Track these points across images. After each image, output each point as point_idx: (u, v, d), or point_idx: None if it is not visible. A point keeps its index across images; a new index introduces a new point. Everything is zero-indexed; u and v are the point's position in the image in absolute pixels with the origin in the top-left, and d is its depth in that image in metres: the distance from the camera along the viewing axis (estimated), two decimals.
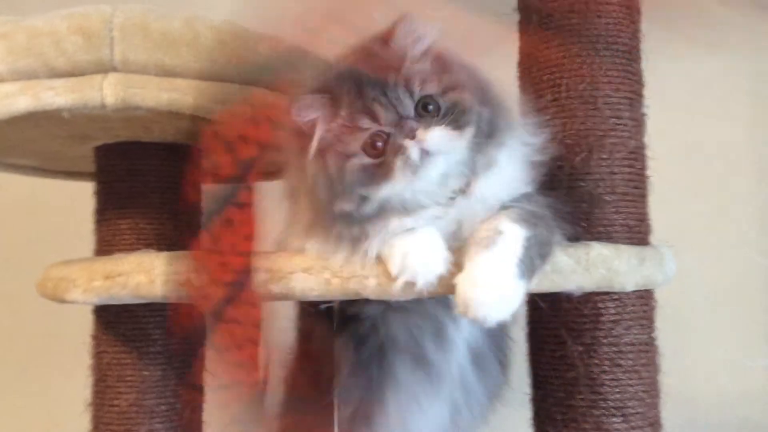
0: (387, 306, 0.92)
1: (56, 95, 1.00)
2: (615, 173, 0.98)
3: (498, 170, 0.84)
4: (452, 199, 0.82)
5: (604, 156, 0.98)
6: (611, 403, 0.95)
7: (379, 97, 0.80)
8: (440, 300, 0.92)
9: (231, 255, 0.87)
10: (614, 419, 0.94)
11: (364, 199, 0.81)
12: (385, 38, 0.84)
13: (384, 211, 0.81)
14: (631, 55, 1.01)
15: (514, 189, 0.85)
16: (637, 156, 1.00)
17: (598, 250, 0.87)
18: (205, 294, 0.86)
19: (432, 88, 0.81)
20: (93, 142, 1.22)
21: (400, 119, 0.79)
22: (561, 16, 1.00)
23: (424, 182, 0.80)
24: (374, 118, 0.80)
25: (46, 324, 1.84)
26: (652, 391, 0.98)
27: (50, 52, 1.01)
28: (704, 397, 1.64)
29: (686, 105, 1.65)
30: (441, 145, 0.79)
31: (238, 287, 0.85)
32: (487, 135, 0.83)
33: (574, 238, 0.90)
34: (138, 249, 1.17)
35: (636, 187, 0.99)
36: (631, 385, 0.95)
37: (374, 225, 0.81)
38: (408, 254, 0.79)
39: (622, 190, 0.98)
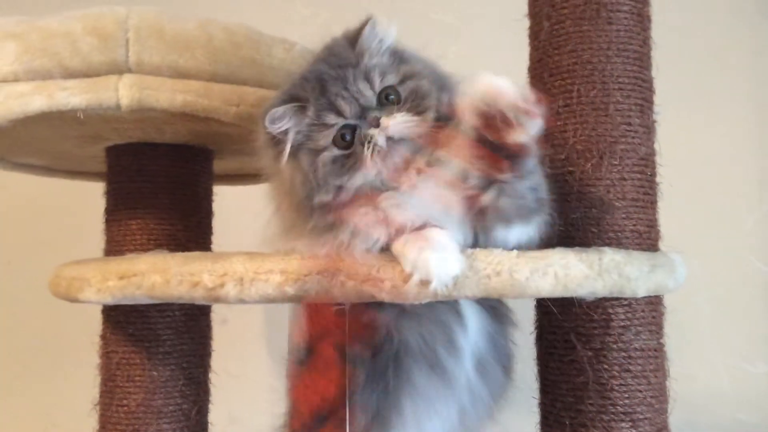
0: (400, 312, 0.92)
1: (71, 95, 1.01)
2: (625, 179, 0.98)
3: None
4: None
5: (615, 162, 0.98)
6: (620, 409, 0.95)
7: (341, 92, 0.85)
8: (449, 307, 0.93)
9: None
10: (623, 424, 0.94)
11: (339, 188, 0.85)
12: (351, 39, 0.90)
13: (357, 198, 0.85)
14: (642, 62, 1.02)
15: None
16: (647, 162, 1.00)
17: (610, 255, 0.87)
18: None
19: (391, 79, 0.87)
20: (105, 142, 1.23)
21: (363, 111, 0.85)
22: (572, 22, 1.01)
23: (393, 166, 0.84)
24: (339, 113, 0.85)
25: (54, 324, 1.85)
26: (660, 396, 0.98)
27: (65, 52, 1.02)
28: (706, 402, 1.64)
29: (691, 112, 1.66)
30: (404, 130, 0.84)
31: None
32: (449, 118, 0.86)
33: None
34: (148, 249, 1.18)
35: (646, 194, 1.00)
36: (640, 391, 0.95)
37: (347, 210, 0.84)
38: (423, 251, 0.80)
39: (633, 196, 0.98)
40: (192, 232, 1.25)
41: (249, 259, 0.87)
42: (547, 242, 0.99)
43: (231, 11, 1.19)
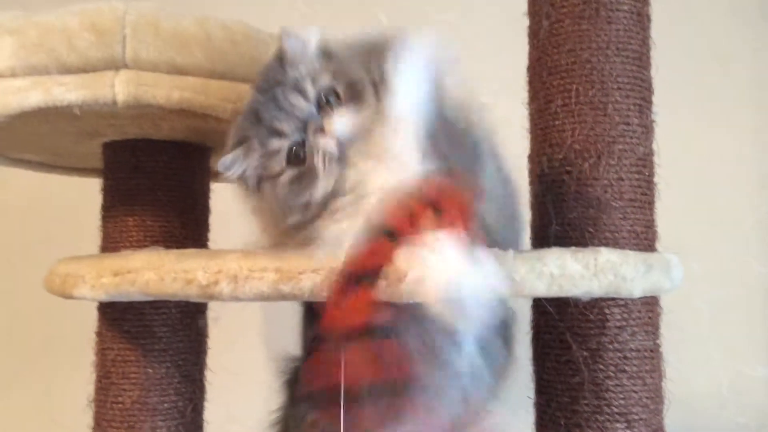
0: (397, 311, 0.92)
1: (67, 91, 1.01)
2: (623, 179, 0.98)
3: (401, 86, 0.85)
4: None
5: (613, 162, 0.98)
6: (615, 409, 0.95)
7: (275, 114, 0.84)
8: None
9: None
10: (618, 425, 0.94)
11: (306, 205, 0.84)
12: (278, 58, 0.88)
13: (327, 204, 0.84)
14: (641, 61, 1.01)
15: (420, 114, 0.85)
16: (645, 162, 1.00)
17: (606, 255, 0.87)
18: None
19: (324, 80, 0.85)
20: (102, 138, 1.23)
21: (305, 123, 0.83)
22: (571, 21, 1.01)
23: (348, 164, 0.83)
24: (280, 135, 0.84)
25: (49, 320, 1.85)
26: (656, 397, 0.98)
27: (62, 48, 1.01)
28: (704, 404, 1.64)
29: (690, 113, 1.66)
30: (348, 126, 0.82)
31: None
32: (382, 80, 0.85)
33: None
34: (145, 246, 1.18)
35: (644, 194, 0.99)
36: (635, 392, 0.95)
37: (320, 220, 0.84)
38: (416, 250, 0.79)
39: (630, 197, 0.98)
40: (189, 229, 1.25)
41: (244, 257, 0.87)
42: (544, 242, 0.99)
43: (230, 9, 1.18)
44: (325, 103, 0.84)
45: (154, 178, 1.22)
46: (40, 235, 1.91)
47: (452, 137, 0.87)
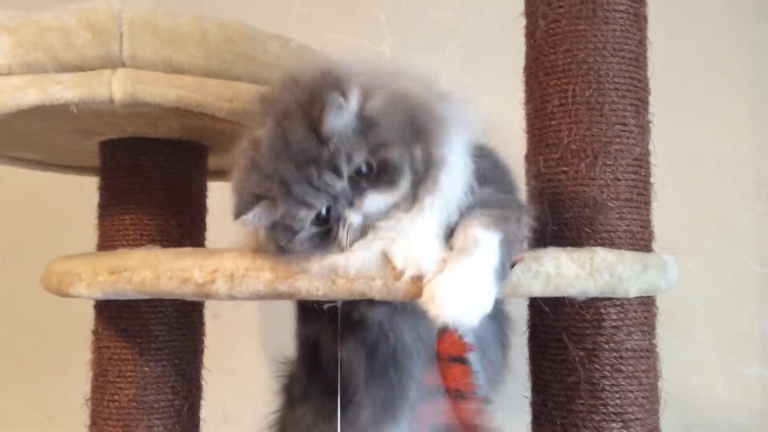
0: (393, 310, 0.92)
1: (64, 89, 1.01)
2: (619, 179, 0.98)
3: (445, 179, 0.84)
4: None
5: (609, 162, 0.98)
6: (611, 409, 0.95)
7: (308, 190, 0.81)
8: None
9: None
10: (614, 425, 0.94)
11: (316, 254, 0.84)
12: (311, 123, 0.81)
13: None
14: (638, 62, 1.02)
15: (465, 187, 0.84)
16: (641, 163, 1.00)
17: (602, 255, 0.87)
18: None
19: (359, 158, 0.81)
20: (98, 136, 1.23)
21: (335, 197, 0.81)
22: (568, 21, 1.01)
23: (369, 239, 0.83)
24: (310, 207, 0.82)
25: (46, 318, 1.85)
26: (652, 397, 0.98)
27: (59, 46, 1.01)
28: (700, 403, 1.64)
29: (686, 113, 1.66)
30: (378, 206, 0.81)
31: None
32: (425, 168, 0.83)
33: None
34: (141, 245, 1.18)
35: (640, 194, 1.00)
36: (631, 391, 0.95)
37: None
38: (411, 248, 0.80)
39: (626, 197, 0.98)
40: (185, 228, 1.25)
41: (240, 256, 0.87)
42: (540, 241, 0.99)
43: (227, 7, 1.18)
44: (356, 175, 0.81)
45: (151, 177, 1.22)
46: (37, 233, 1.91)
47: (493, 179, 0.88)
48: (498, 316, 1.03)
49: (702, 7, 1.73)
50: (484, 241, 0.80)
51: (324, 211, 0.82)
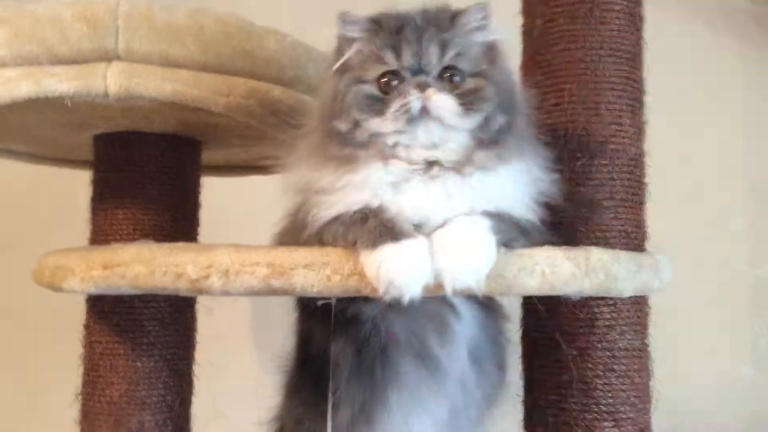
0: (388, 308, 0.91)
1: (59, 82, 1.00)
2: (615, 179, 0.98)
3: (491, 179, 0.85)
4: (433, 170, 0.84)
5: (605, 162, 0.98)
6: (603, 408, 0.95)
7: (411, 41, 0.83)
8: (441, 298, 0.92)
9: None
10: (606, 423, 0.95)
11: (356, 124, 0.84)
12: (453, 15, 0.87)
13: (374, 145, 0.84)
14: (634, 62, 1.02)
15: (495, 204, 0.85)
16: (636, 163, 1.01)
17: (598, 255, 0.87)
18: None
19: (464, 64, 0.85)
20: (92, 130, 1.22)
21: (420, 70, 0.83)
22: (565, 21, 1.01)
23: (412, 137, 0.83)
24: (398, 57, 0.83)
25: (38, 313, 1.83)
26: (643, 396, 0.98)
27: (54, 38, 1.01)
28: (690, 403, 1.65)
29: (680, 115, 1.67)
30: (443, 111, 0.82)
31: None
32: (493, 140, 0.85)
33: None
34: (134, 239, 1.17)
35: (635, 194, 1.00)
36: (623, 390, 0.96)
37: (363, 152, 0.84)
38: (392, 272, 0.77)
39: (621, 197, 0.99)
40: (179, 223, 1.24)
41: (235, 251, 0.87)
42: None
43: (224, 2, 1.17)
44: (446, 76, 0.84)
45: (145, 172, 1.21)
46: (30, 227, 1.90)
47: None
48: (497, 337, 1.03)
49: (697, 8, 1.74)
50: (477, 218, 0.82)
51: (393, 82, 0.83)
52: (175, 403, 1.20)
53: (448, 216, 0.82)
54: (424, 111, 0.81)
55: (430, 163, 0.84)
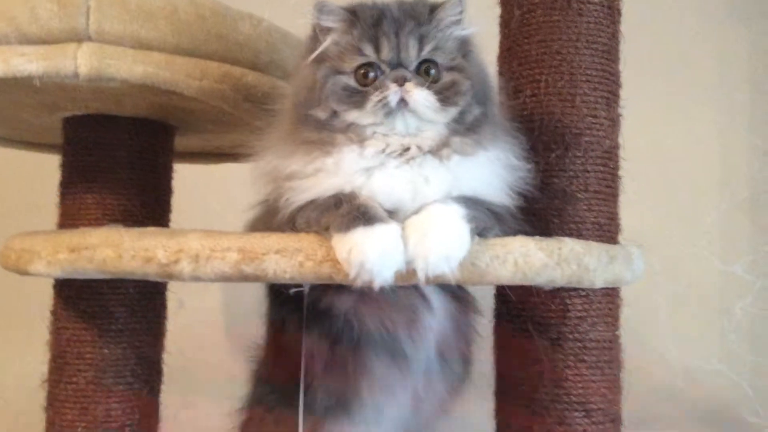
0: (360, 299, 0.91)
1: (28, 62, 0.98)
2: (588, 171, 0.99)
3: (469, 163, 0.86)
4: (410, 152, 0.84)
5: (579, 154, 0.99)
6: (574, 398, 0.96)
7: (390, 34, 0.84)
8: (414, 289, 0.92)
9: None
10: (576, 414, 0.95)
11: (335, 114, 0.84)
12: (432, 8, 0.88)
13: (351, 130, 0.84)
14: (610, 54, 1.02)
15: (472, 188, 0.86)
16: (611, 155, 1.01)
17: (570, 245, 0.87)
18: None
19: (440, 58, 0.86)
20: (62, 112, 1.20)
21: (398, 64, 0.84)
22: (542, 12, 1.01)
23: (390, 128, 0.84)
24: (377, 50, 0.84)
25: (3, 297, 1.81)
26: (614, 387, 0.99)
27: (23, 17, 0.99)
28: (659, 395, 1.67)
29: (655, 108, 1.68)
30: (420, 104, 0.83)
31: None
32: (468, 129, 0.86)
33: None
34: (103, 224, 1.15)
35: (608, 186, 1.00)
36: (594, 381, 0.96)
37: (341, 135, 0.84)
38: (363, 255, 0.77)
39: (595, 189, 0.99)
40: (149, 208, 1.22)
41: (206, 236, 0.85)
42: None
43: None
44: (423, 70, 0.85)
45: (115, 155, 1.19)
46: None
47: None
48: (467, 331, 1.03)
49: (673, 3, 1.75)
50: (451, 203, 0.82)
51: (371, 74, 0.84)
52: (144, 391, 1.18)
53: (423, 202, 0.82)
54: (403, 103, 0.82)
55: (407, 148, 0.84)
